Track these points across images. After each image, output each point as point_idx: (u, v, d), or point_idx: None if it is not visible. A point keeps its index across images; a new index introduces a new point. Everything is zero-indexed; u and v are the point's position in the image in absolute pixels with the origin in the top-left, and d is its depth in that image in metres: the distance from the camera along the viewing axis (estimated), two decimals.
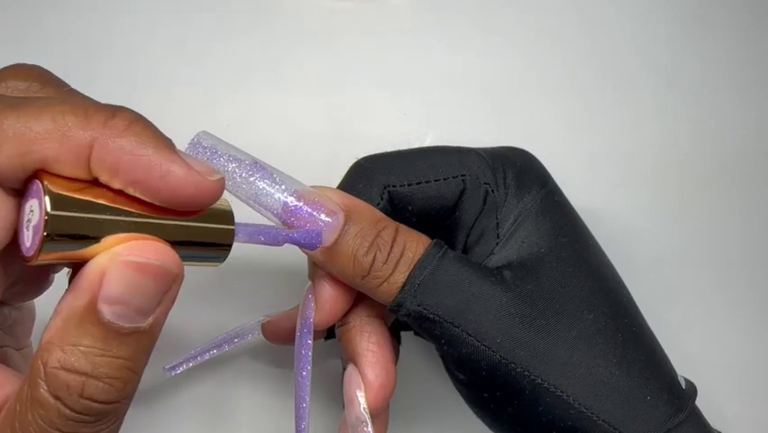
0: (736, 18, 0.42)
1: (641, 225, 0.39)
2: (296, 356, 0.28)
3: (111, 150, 0.19)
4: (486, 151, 0.31)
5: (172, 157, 0.20)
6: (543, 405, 0.26)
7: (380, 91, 0.40)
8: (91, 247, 0.20)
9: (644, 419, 0.26)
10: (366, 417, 0.28)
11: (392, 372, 0.29)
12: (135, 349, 0.20)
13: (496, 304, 0.27)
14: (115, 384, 0.20)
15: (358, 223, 0.27)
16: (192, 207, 0.21)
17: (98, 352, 0.20)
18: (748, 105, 0.41)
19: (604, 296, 0.28)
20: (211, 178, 0.21)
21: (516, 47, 0.41)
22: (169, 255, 0.21)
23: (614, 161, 0.40)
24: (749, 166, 0.40)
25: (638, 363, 0.27)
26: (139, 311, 0.20)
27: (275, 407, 0.37)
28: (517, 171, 0.30)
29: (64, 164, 0.20)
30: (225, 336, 0.35)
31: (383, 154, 0.31)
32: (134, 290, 0.20)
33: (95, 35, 0.40)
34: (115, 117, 0.20)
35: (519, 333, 0.27)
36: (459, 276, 0.27)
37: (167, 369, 0.34)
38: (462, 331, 0.27)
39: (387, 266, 0.27)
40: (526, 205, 0.29)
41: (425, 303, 0.27)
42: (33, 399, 0.19)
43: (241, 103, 0.39)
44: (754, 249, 0.39)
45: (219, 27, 0.41)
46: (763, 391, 0.38)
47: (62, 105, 0.20)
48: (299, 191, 0.27)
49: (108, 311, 0.20)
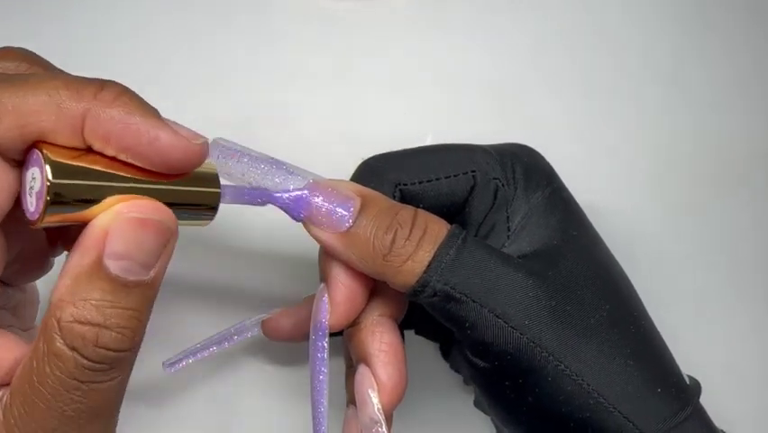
0: (738, 18, 0.42)
1: (642, 225, 0.39)
2: (311, 360, 0.28)
3: (102, 120, 0.21)
4: (493, 147, 0.31)
5: (159, 124, 0.22)
6: (564, 394, 0.26)
7: (380, 91, 0.40)
8: (91, 209, 0.21)
9: (654, 411, 0.27)
10: (380, 417, 0.28)
11: (405, 372, 0.29)
12: (141, 300, 0.22)
13: (522, 286, 0.27)
14: (126, 333, 0.22)
15: (374, 207, 0.27)
16: (180, 169, 0.23)
17: (108, 304, 0.21)
18: (751, 105, 0.42)
19: (616, 289, 0.29)
20: (196, 141, 0.23)
21: (517, 47, 0.41)
22: (166, 212, 0.23)
23: (615, 160, 0.40)
24: (752, 166, 0.41)
25: (649, 356, 0.28)
26: (142, 265, 0.22)
27: (277, 406, 0.37)
28: (525, 167, 0.30)
29: (60, 134, 0.21)
30: (225, 333, 0.34)
31: (391, 153, 0.31)
32: (137, 245, 0.21)
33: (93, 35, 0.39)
34: (104, 90, 0.22)
35: (544, 317, 0.26)
36: (484, 258, 0.27)
37: (166, 365, 0.33)
38: (490, 312, 0.26)
39: (410, 242, 0.27)
40: (535, 200, 0.30)
41: (451, 282, 0.26)
42: (50, 352, 0.21)
43: (240, 103, 0.39)
44: (755, 248, 0.40)
45: (219, 27, 0.40)
46: (765, 392, 0.38)
47: (54, 80, 0.21)
48: (314, 182, 0.27)
49: (114, 266, 0.21)
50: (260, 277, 0.38)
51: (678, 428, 0.27)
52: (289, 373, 0.37)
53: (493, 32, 0.41)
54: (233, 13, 0.40)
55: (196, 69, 0.39)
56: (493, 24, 0.41)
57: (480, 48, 0.41)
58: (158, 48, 0.39)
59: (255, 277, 0.38)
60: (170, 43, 0.39)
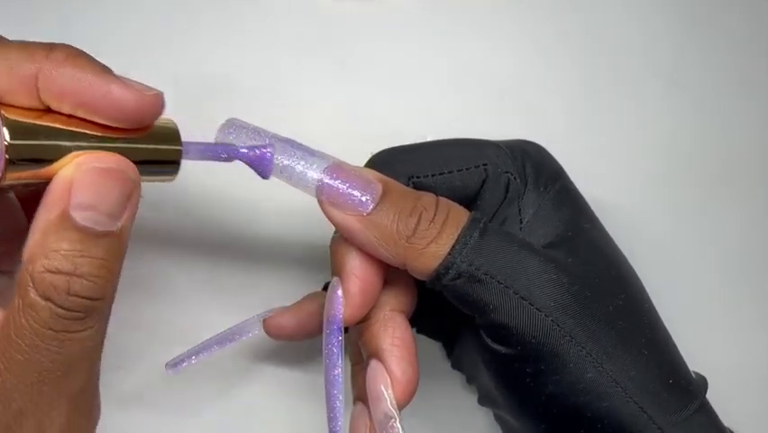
0: (738, 17, 0.42)
1: (642, 224, 0.40)
2: (325, 355, 0.28)
3: (54, 78, 0.22)
4: (502, 142, 0.31)
5: (110, 78, 0.22)
6: (584, 382, 0.26)
7: (381, 91, 0.40)
8: (52, 166, 0.22)
9: (666, 403, 0.27)
10: (395, 412, 0.27)
11: (417, 366, 0.29)
12: (110, 250, 0.22)
13: (544, 269, 0.27)
14: (97, 281, 0.22)
15: (396, 192, 0.27)
16: (137, 122, 0.23)
17: (77, 253, 0.22)
18: (751, 104, 0.42)
19: (628, 280, 0.29)
20: (148, 93, 0.23)
21: (518, 47, 0.41)
22: (126, 163, 0.23)
23: (615, 159, 0.40)
24: (752, 165, 0.41)
25: (661, 347, 0.28)
26: (108, 215, 0.22)
27: (283, 405, 0.36)
28: (534, 162, 0.30)
29: (15, 94, 0.22)
30: (227, 333, 0.34)
31: (401, 147, 0.31)
32: (102, 195, 0.22)
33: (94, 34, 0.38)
34: (55, 50, 0.22)
35: (568, 300, 0.26)
36: (507, 241, 0.27)
37: (169, 366, 0.33)
38: (515, 293, 0.26)
39: (434, 225, 0.27)
40: (545, 195, 0.30)
41: (476, 262, 0.26)
42: (25, 305, 0.21)
43: (240, 103, 0.39)
44: (756, 247, 0.41)
45: (219, 27, 0.40)
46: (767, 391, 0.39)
47: (6, 44, 0.22)
48: (335, 164, 0.27)
49: (81, 216, 0.22)
50: (262, 275, 0.37)
51: (688, 420, 0.27)
52: (293, 372, 0.37)
53: (494, 31, 0.41)
54: (233, 14, 0.40)
55: (196, 69, 0.39)
56: (494, 24, 0.41)
57: (481, 47, 0.41)
58: (158, 48, 0.39)
59: (256, 275, 0.37)
60: (170, 43, 0.39)
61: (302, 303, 0.34)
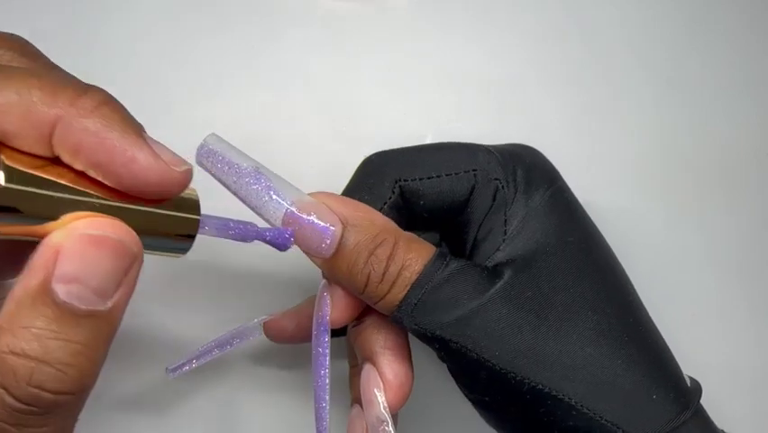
0: (738, 17, 0.42)
1: (640, 225, 0.39)
2: (313, 356, 0.28)
3: (74, 130, 0.19)
4: (495, 147, 0.31)
5: (139, 143, 0.19)
6: (544, 407, 0.27)
7: (380, 91, 0.40)
8: (47, 225, 0.19)
9: (649, 417, 0.26)
10: (387, 416, 0.27)
11: (411, 370, 0.29)
12: (93, 335, 0.19)
13: (495, 316, 0.27)
14: (69, 372, 0.18)
15: (356, 235, 0.27)
16: (156, 195, 0.20)
17: (51, 335, 0.18)
18: (748, 105, 0.41)
19: (609, 296, 0.28)
20: (178, 168, 0.20)
21: (517, 47, 0.41)
22: (127, 232, 0.20)
23: (613, 161, 0.40)
24: (751, 165, 0.41)
25: (644, 362, 0.27)
26: (97, 292, 0.19)
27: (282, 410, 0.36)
28: (526, 169, 0.30)
29: (24, 139, 0.19)
30: (228, 336, 0.34)
31: (393, 150, 0.31)
32: (91, 267, 0.19)
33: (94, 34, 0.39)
34: (84, 96, 0.19)
35: (519, 342, 0.26)
36: (458, 291, 0.27)
37: (169, 370, 0.33)
38: (461, 346, 0.27)
39: (382, 286, 0.27)
40: (535, 203, 0.29)
41: (422, 322, 0.27)
42: None
43: (240, 103, 0.39)
44: (755, 248, 0.40)
45: (219, 27, 0.40)
46: (764, 392, 0.38)
47: (31, 78, 0.19)
48: (298, 201, 0.27)
49: (63, 290, 0.18)
50: (261, 278, 0.37)
51: (675, 432, 0.27)
52: (293, 376, 0.37)
53: (493, 31, 0.41)
54: (233, 13, 0.40)
55: (197, 69, 0.39)
56: (493, 24, 0.41)
57: (480, 47, 0.40)
58: (158, 48, 0.39)
59: (256, 279, 0.37)
60: (170, 43, 0.39)
61: (302, 306, 0.34)
